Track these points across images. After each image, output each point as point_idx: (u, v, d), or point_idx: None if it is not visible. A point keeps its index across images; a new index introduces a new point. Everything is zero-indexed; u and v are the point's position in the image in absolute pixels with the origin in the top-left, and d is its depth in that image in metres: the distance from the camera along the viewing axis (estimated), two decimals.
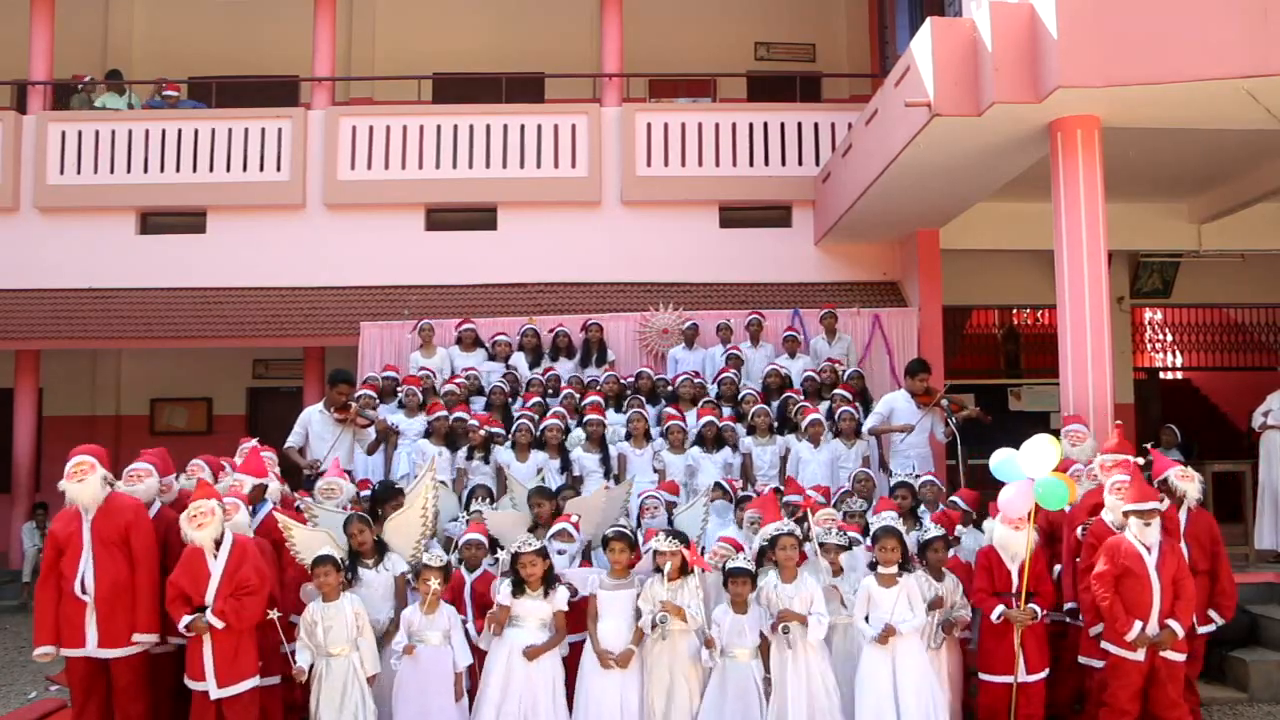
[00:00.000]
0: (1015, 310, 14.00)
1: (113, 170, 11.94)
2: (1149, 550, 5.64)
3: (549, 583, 5.67)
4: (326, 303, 11.59)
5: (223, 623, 5.34)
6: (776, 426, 8.58)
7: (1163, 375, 15.23)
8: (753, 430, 8.47)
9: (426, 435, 8.34)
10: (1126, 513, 5.72)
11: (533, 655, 5.58)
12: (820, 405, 8.75)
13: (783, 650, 5.52)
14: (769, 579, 5.64)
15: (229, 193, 11.91)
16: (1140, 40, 7.09)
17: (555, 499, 6.81)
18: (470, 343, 10.09)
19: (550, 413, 8.46)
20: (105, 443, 6.76)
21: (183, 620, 5.38)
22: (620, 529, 5.91)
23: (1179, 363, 15.23)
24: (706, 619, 5.62)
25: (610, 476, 7.97)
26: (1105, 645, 5.78)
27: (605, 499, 6.89)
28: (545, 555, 5.71)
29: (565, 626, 5.75)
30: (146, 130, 11.99)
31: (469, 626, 5.86)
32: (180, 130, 11.98)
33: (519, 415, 8.44)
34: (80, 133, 11.99)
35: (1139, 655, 5.63)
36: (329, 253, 11.85)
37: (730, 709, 5.50)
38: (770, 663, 5.56)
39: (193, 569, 5.44)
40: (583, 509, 6.61)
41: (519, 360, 9.87)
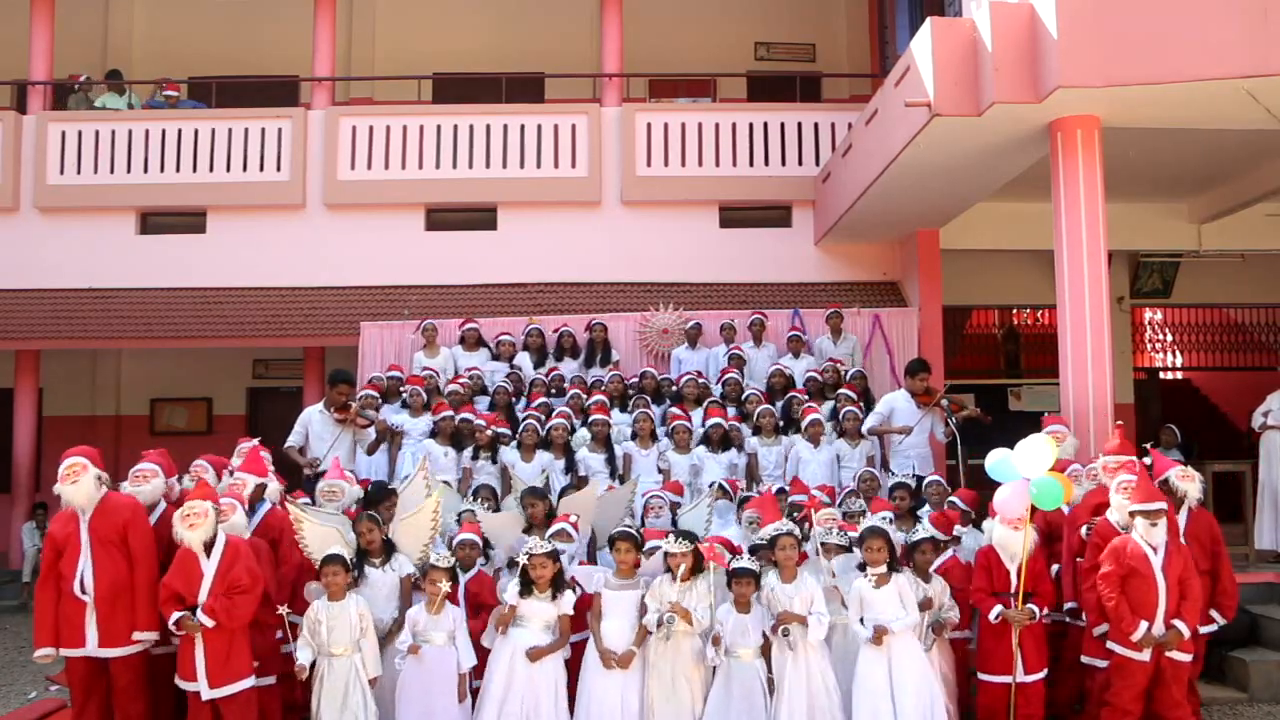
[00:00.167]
0: (1015, 310, 13.98)
1: (113, 170, 11.93)
2: (1155, 550, 5.64)
3: (557, 585, 5.68)
4: (326, 303, 11.59)
5: (213, 621, 5.32)
6: (782, 427, 8.58)
7: (1163, 375, 15.22)
8: (758, 431, 8.48)
9: (432, 435, 8.35)
10: (1132, 513, 5.72)
11: (535, 657, 5.58)
12: (824, 405, 8.75)
13: (783, 650, 5.53)
14: (769, 579, 5.65)
15: (229, 193, 11.91)
16: (1140, 40, 7.09)
17: (548, 499, 6.80)
18: (473, 342, 10.09)
19: (555, 413, 8.47)
20: (105, 443, 6.76)
21: (172, 617, 5.36)
22: (626, 529, 5.91)
23: (1179, 363, 15.22)
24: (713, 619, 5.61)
25: (615, 477, 7.98)
26: (1110, 645, 5.77)
27: (599, 497, 6.87)
28: (556, 558, 5.71)
29: (569, 630, 5.75)
30: (146, 130, 11.99)
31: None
32: (180, 130, 11.98)
33: (524, 415, 8.44)
34: (80, 133, 11.99)
35: (1144, 655, 5.63)
36: (329, 253, 11.85)
37: (735, 708, 5.51)
38: (771, 662, 5.56)
39: (186, 570, 5.43)
40: (576, 507, 6.61)
41: (524, 360, 9.88)
